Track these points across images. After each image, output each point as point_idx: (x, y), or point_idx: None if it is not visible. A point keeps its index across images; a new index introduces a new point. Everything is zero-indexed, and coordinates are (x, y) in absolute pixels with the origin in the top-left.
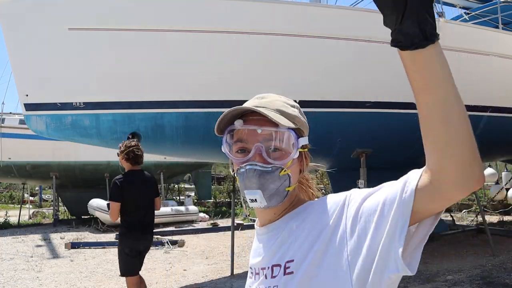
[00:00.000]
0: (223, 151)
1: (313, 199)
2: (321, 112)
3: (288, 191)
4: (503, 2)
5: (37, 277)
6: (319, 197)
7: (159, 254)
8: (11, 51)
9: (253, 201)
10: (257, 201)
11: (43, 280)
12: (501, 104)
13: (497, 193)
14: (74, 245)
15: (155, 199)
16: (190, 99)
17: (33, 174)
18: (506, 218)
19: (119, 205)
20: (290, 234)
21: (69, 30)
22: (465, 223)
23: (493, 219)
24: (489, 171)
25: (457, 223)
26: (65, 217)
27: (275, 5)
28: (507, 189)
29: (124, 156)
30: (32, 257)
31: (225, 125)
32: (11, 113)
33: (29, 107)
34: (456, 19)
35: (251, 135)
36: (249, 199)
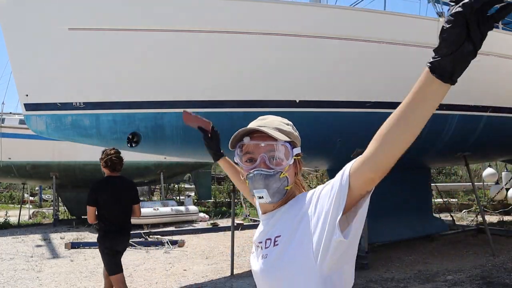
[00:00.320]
0: (235, 161)
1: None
2: (321, 112)
3: (287, 189)
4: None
5: (37, 277)
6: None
7: (159, 254)
8: (11, 51)
9: (260, 198)
10: (263, 198)
11: (43, 280)
12: (501, 104)
13: (497, 193)
14: (74, 245)
15: (134, 206)
16: (190, 99)
17: (33, 174)
18: (506, 218)
19: (94, 209)
20: (280, 217)
21: (69, 30)
22: (465, 223)
23: (493, 219)
24: (489, 171)
25: (457, 223)
26: (65, 217)
27: (275, 5)
28: (507, 189)
29: (103, 163)
30: (32, 257)
31: (236, 141)
32: (11, 113)
33: (29, 107)
34: None
35: (256, 148)
36: (258, 196)
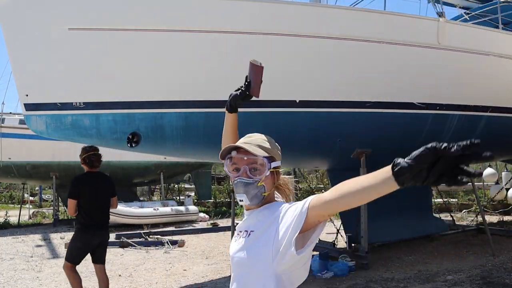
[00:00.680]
0: (225, 170)
1: (288, 198)
2: (321, 112)
3: (264, 195)
4: (503, 2)
5: (37, 277)
6: (291, 197)
7: (159, 254)
8: (11, 51)
9: (241, 200)
10: (243, 201)
11: (43, 280)
12: (501, 104)
13: (497, 193)
14: None
15: (112, 199)
16: (190, 99)
17: (33, 174)
18: (506, 218)
19: (75, 202)
20: (256, 216)
21: (69, 30)
22: (465, 223)
23: (493, 219)
24: (489, 171)
25: (457, 223)
26: (65, 217)
27: (275, 5)
28: (507, 189)
29: (82, 160)
30: (32, 257)
31: (226, 154)
32: (11, 113)
33: (29, 107)
34: (456, 19)
35: (240, 160)
36: (239, 200)
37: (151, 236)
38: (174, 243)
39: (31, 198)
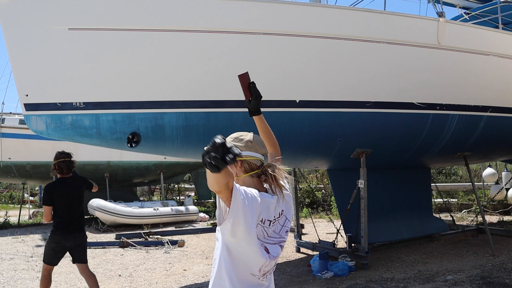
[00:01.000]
0: None
1: (272, 187)
2: (321, 112)
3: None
4: (503, 2)
5: (37, 277)
6: (274, 187)
7: (159, 254)
8: (11, 51)
9: None
10: None
11: None
12: (501, 104)
13: (497, 193)
14: None
15: (91, 189)
16: (190, 99)
17: (33, 174)
18: (506, 218)
19: (50, 209)
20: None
21: (69, 30)
22: (465, 223)
23: (493, 219)
24: (489, 171)
25: (457, 223)
26: None
27: (275, 5)
28: (507, 189)
29: (52, 166)
30: (32, 257)
31: None
32: (11, 113)
33: (29, 107)
34: (456, 19)
35: None
36: None
37: (151, 236)
38: (174, 243)
39: (31, 198)
